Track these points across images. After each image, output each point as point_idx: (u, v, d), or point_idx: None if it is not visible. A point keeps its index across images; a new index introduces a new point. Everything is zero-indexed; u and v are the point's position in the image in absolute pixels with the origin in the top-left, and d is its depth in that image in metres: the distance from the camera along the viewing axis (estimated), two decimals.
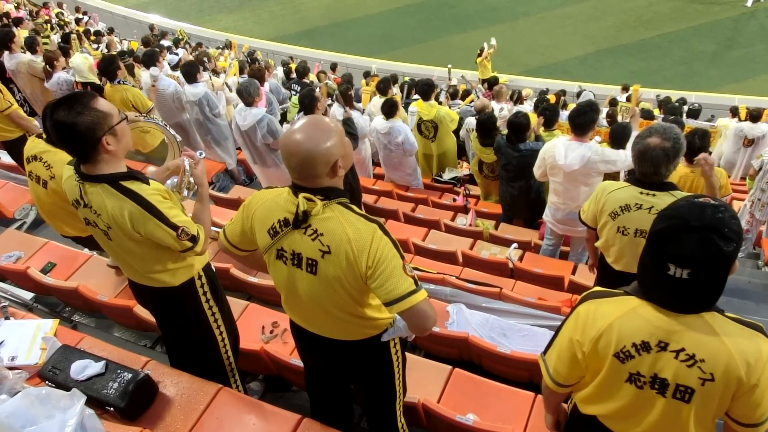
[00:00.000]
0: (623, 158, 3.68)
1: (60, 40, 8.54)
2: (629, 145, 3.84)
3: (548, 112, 5.11)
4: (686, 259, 1.30)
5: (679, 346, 1.38)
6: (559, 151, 3.73)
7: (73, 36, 8.70)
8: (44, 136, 3.25)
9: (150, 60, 5.82)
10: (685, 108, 8.93)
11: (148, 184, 2.03)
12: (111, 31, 13.33)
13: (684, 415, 1.44)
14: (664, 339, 1.40)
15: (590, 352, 1.50)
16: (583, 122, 3.66)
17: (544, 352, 1.69)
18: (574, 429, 1.79)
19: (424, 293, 1.66)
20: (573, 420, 1.77)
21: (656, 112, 8.99)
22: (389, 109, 5.45)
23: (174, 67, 7.17)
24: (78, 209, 2.09)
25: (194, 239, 2.10)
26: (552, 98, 9.29)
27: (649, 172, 2.45)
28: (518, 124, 4.61)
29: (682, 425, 1.45)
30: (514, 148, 4.65)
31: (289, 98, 7.01)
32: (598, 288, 1.59)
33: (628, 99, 7.88)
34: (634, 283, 1.49)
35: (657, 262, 1.36)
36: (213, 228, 2.62)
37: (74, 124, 1.85)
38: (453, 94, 9.12)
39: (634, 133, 3.91)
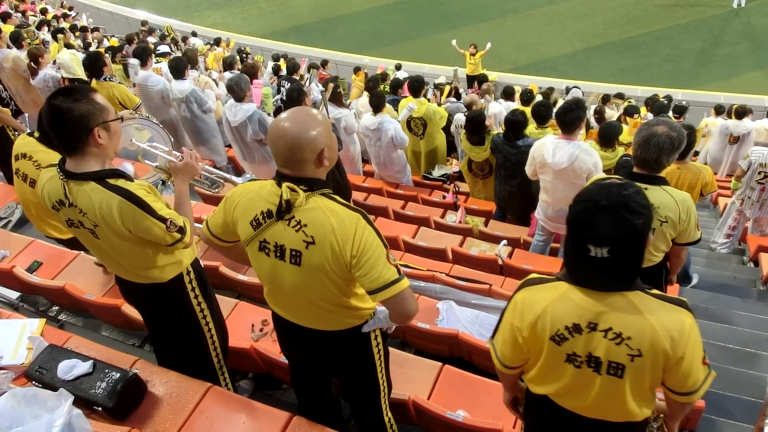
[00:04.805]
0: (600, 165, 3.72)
1: (47, 36, 8.43)
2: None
3: (543, 108, 5.01)
4: (603, 238, 1.36)
5: (606, 325, 1.46)
6: (547, 150, 3.75)
7: (60, 35, 8.57)
8: (36, 134, 3.21)
9: (142, 55, 5.75)
10: (671, 105, 8.97)
11: (132, 182, 2.04)
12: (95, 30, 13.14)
13: (620, 389, 1.52)
14: (593, 320, 1.47)
15: (529, 337, 1.58)
16: (570, 119, 3.67)
17: (492, 337, 1.77)
18: (529, 407, 1.87)
19: (407, 282, 1.70)
20: (528, 398, 1.84)
21: (643, 110, 9.02)
22: (378, 101, 5.45)
23: None
24: (60, 211, 2.05)
25: (182, 230, 2.10)
26: (533, 87, 9.28)
27: (650, 159, 2.44)
28: (516, 121, 4.62)
29: (621, 398, 1.54)
30: (512, 146, 4.64)
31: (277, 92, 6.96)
32: (533, 275, 1.65)
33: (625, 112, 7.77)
34: (564, 269, 1.54)
35: (578, 245, 1.42)
36: (196, 225, 2.61)
37: (70, 109, 1.86)
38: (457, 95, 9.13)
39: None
